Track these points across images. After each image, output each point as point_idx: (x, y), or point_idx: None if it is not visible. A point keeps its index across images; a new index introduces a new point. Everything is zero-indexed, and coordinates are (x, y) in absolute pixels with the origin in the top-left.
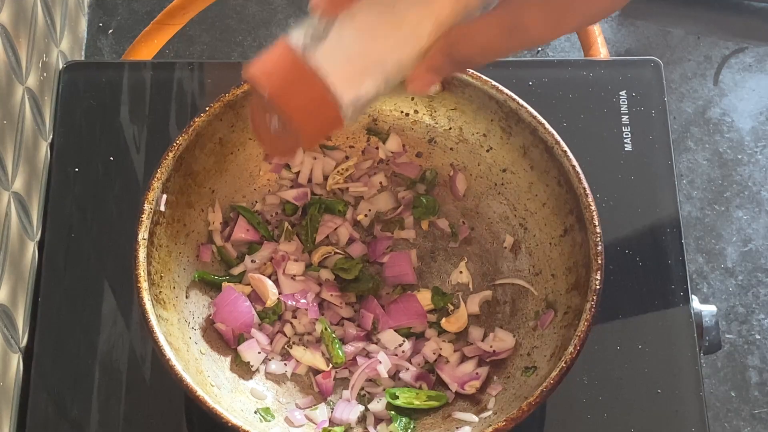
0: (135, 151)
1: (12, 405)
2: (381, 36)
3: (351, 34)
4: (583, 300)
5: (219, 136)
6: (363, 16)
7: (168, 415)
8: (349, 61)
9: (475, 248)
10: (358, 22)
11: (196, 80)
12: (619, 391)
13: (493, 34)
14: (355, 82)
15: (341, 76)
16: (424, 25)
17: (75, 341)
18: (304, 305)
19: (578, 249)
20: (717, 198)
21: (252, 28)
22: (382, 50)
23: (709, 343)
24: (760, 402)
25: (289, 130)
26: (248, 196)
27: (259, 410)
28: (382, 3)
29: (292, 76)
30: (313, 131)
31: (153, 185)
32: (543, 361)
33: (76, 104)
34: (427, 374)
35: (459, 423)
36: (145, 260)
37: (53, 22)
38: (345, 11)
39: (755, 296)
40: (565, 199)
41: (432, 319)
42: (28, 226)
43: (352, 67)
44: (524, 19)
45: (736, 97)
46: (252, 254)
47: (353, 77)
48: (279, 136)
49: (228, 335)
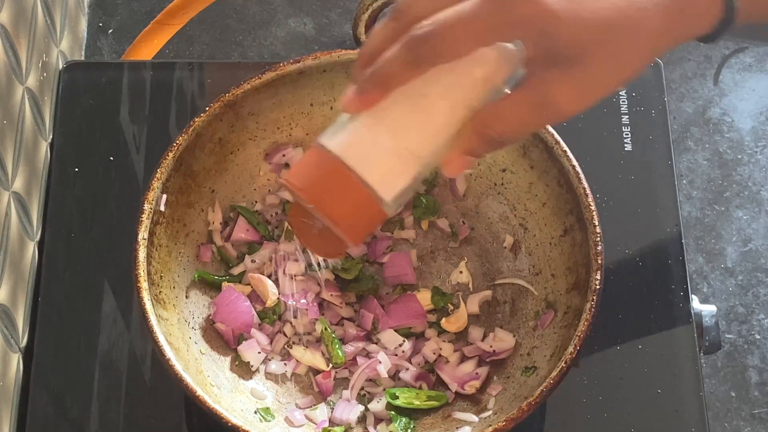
0: (135, 151)
1: (12, 405)
2: (415, 128)
3: (384, 130)
4: (583, 300)
5: (219, 136)
6: (395, 111)
7: (168, 415)
8: (386, 157)
9: (475, 248)
10: (390, 117)
11: (196, 80)
12: (619, 391)
13: (523, 111)
14: (394, 178)
15: (380, 174)
16: (456, 112)
17: (75, 341)
18: (304, 305)
19: (578, 249)
20: (717, 198)
21: (252, 28)
22: (417, 142)
23: (709, 343)
24: (760, 402)
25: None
26: (248, 196)
27: (259, 410)
28: (412, 95)
29: (332, 182)
30: (359, 230)
31: (153, 185)
32: (543, 361)
33: (76, 104)
34: (427, 374)
35: (459, 423)
36: (145, 260)
37: (53, 22)
38: (375, 107)
39: (755, 296)
40: (565, 199)
41: (432, 319)
42: (28, 226)
43: (389, 164)
44: (552, 95)
45: (736, 97)
46: (252, 254)
47: (392, 173)
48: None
49: (228, 335)
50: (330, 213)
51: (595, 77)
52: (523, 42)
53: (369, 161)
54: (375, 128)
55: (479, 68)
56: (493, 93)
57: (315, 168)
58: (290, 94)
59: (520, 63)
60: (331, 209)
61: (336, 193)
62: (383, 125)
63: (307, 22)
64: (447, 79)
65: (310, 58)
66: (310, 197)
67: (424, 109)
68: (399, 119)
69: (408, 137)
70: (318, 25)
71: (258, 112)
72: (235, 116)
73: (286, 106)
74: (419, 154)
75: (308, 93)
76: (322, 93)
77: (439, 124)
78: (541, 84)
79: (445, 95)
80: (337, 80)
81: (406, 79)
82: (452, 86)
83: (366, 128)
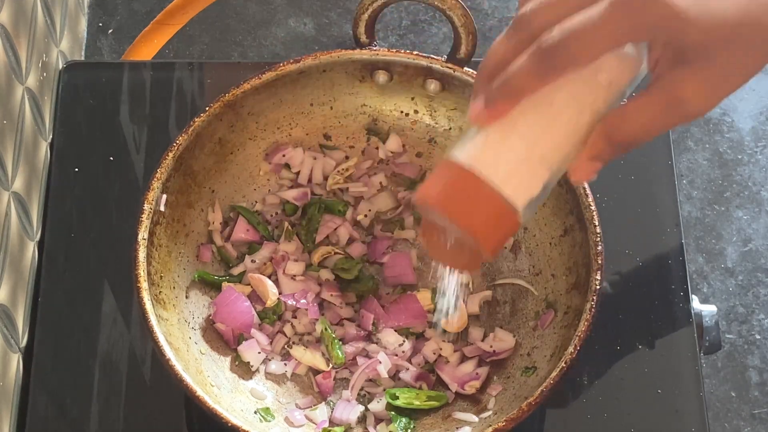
0: (135, 151)
1: (12, 405)
2: (543, 136)
3: (515, 140)
4: (583, 300)
5: (219, 136)
6: (523, 121)
7: (168, 415)
8: (518, 167)
9: None
10: (519, 127)
11: (196, 80)
12: (619, 391)
13: (652, 112)
14: (526, 187)
15: (514, 184)
16: (583, 118)
17: (75, 341)
18: (304, 305)
19: (578, 249)
20: (717, 198)
21: (252, 28)
22: (546, 150)
23: (709, 343)
24: (760, 402)
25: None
26: (248, 196)
27: (259, 410)
28: (539, 104)
29: (467, 195)
30: (495, 242)
31: (153, 185)
32: (543, 361)
33: (76, 104)
34: (427, 374)
35: (459, 423)
36: (145, 260)
37: (53, 22)
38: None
39: (755, 296)
40: (565, 199)
41: (432, 319)
42: (28, 226)
43: (521, 173)
44: (682, 93)
45: (736, 97)
46: (252, 254)
47: (524, 182)
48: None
49: (228, 335)
50: (466, 224)
51: (723, 74)
52: (651, 43)
53: (501, 170)
54: (505, 138)
55: (602, 74)
56: (618, 98)
57: (447, 181)
58: (290, 94)
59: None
60: (469, 223)
61: (471, 204)
62: (513, 135)
63: (307, 22)
64: (572, 86)
65: (310, 58)
66: (445, 210)
67: (552, 117)
68: (528, 128)
69: (538, 145)
70: (318, 25)
71: (258, 112)
72: (235, 116)
73: (286, 106)
74: (549, 161)
75: (308, 93)
76: (322, 93)
77: (566, 131)
78: (669, 84)
79: (572, 102)
80: (337, 80)
81: (535, 89)
82: (577, 93)
83: (495, 139)
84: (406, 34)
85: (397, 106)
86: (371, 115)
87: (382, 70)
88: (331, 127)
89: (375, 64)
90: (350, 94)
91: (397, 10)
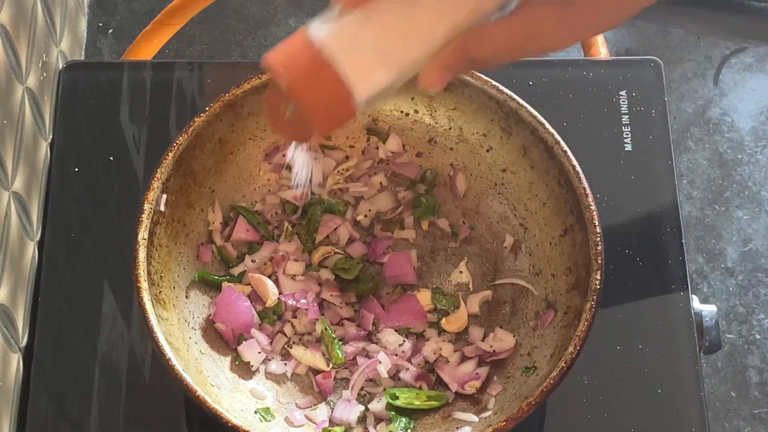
0: (135, 151)
1: (12, 405)
2: (398, 33)
3: (370, 29)
4: (583, 300)
5: (219, 136)
6: (382, 12)
7: (168, 415)
8: (366, 55)
9: (475, 248)
10: (377, 17)
11: (196, 80)
12: (619, 391)
13: (509, 37)
14: (369, 76)
15: (357, 70)
16: (442, 26)
17: (75, 341)
18: (304, 305)
19: (578, 249)
20: (717, 198)
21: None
22: (398, 46)
23: (709, 343)
24: (760, 402)
25: (303, 119)
26: (248, 196)
27: (259, 410)
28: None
29: (309, 69)
30: (327, 122)
31: (153, 185)
32: (543, 361)
33: (76, 104)
34: (427, 374)
35: (459, 423)
36: (145, 260)
37: (53, 22)
38: (365, 6)
39: (755, 296)
40: (565, 199)
41: (432, 319)
42: (28, 226)
43: (368, 62)
44: (540, 25)
45: (736, 97)
46: (252, 254)
47: (368, 71)
48: (293, 123)
49: (228, 335)
50: (303, 99)
51: (584, 18)
52: None
53: (349, 57)
54: (361, 25)
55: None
56: (480, 19)
57: (296, 54)
58: None
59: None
60: (305, 96)
61: (312, 81)
62: (369, 24)
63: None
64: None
65: None
66: (287, 81)
67: (411, 16)
68: (386, 21)
69: (391, 39)
70: None
71: (258, 112)
72: (235, 116)
73: None
74: (398, 59)
75: None
76: None
77: (423, 33)
78: (531, 15)
79: (434, 7)
80: None
81: None
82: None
83: (352, 24)
84: None
85: (397, 106)
86: (371, 115)
87: None
88: None
89: None
90: None
91: None
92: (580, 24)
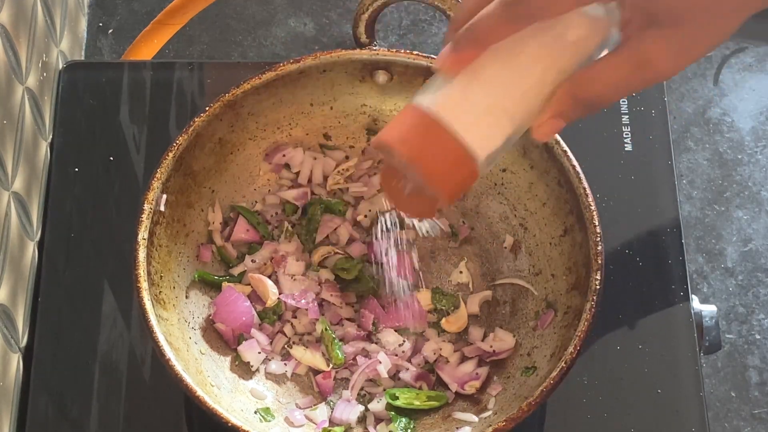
0: (135, 151)
1: (12, 405)
2: (508, 88)
3: (478, 89)
4: (583, 300)
5: (219, 136)
6: (486, 70)
7: (168, 415)
8: (480, 116)
9: (475, 248)
10: (482, 76)
11: (196, 80)
12: (619, 391)
13: (617, 72)
14: (488, 137)
15: (475, 133)
16: (549, 74)
17: (75, 341)
18: (304, 305)
19: (578, 249)
20: (717, 198)
21: (252, 28)
22: (510, 102)
23: (709, 343)
24: (760, 402)
25: (426, 191)
26: (248, 196)
27: (259, 410)
28: (505, 56)
29: (426, 139)
30: (452, 188)
31: (153, 185)
32: (543, 361)
33: (76, 104)
34: (427, 374)
35: (459, 423)
36: (145, 260)
37: (53, 22)
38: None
39: (755, 296)
40: (565, 199)
41: (432, 319)
42: (28, 226)
43: (483, 123)
44: (650, 55)
45: (736, 97)
46: (252, 254)
47: (486, 132)
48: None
49: (228, 335)
50: (426, 172)
51: (693, 38)
52: (621, 4)
53: (464, 119)
54: (468, 87)
55: (572, 31)
56: (585, 58)
57: (411, 127)
58: (290, 94)
59: (611, 30)
60: (427, 166)
61: (431, 150)
62: (477, 84)
63: (307, 22)
64: (540, 41)
65: (310, 58)
66: (405, 154)
67: (518, 70)
68: (493, 78)
69: (501, 96)
70: (318, 25)
71: (258, 112)
72: (235, 116)
73: (286, 106)
74: (512, 114)
75: (308, 93)
76: (322, 93)
77: (532, 83)
78: (638, 45)
79: (538, 56)
80: (337, 80)
81: (502, 36)
82: (545, 48)
83: (460, 88)
84: (406, 34)
85: (397, 106)
86: (371, 115)
87: (383, 70)
88: (331, 127)
89: (375, 64)
90: (350, 94)
91: (397, 10)
92: (690, 44)
